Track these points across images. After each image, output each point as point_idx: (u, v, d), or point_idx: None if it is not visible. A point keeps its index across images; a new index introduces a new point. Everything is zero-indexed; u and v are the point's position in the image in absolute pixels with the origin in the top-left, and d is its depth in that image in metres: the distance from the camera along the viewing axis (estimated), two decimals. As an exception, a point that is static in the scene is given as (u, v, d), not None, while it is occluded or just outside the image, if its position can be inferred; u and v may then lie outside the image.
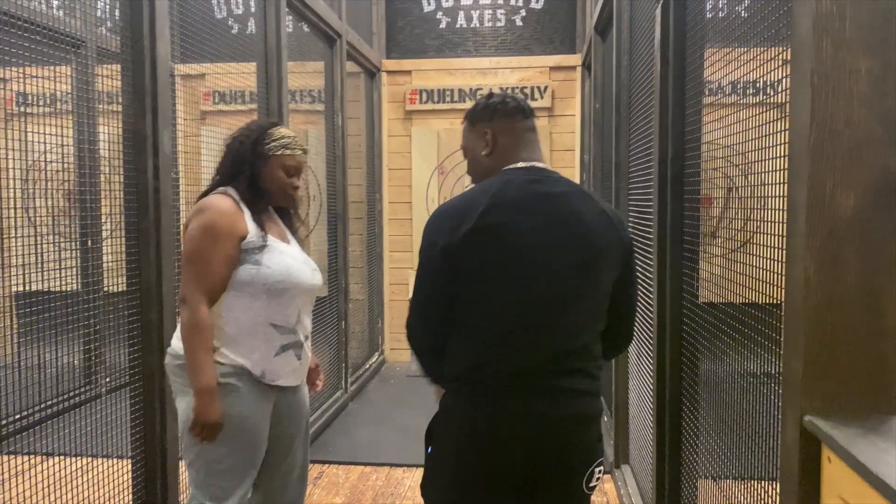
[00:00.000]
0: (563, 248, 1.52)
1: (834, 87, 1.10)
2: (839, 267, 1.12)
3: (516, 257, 1.49)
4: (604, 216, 1.58)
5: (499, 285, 1.50)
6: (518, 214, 1.50)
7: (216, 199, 1.93)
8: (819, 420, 1.11)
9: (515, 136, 1.63)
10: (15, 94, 4.22)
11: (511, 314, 1.51)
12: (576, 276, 1.53)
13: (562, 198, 1.55)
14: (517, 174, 1.58)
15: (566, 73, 5.68)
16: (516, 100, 1.66)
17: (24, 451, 2.57)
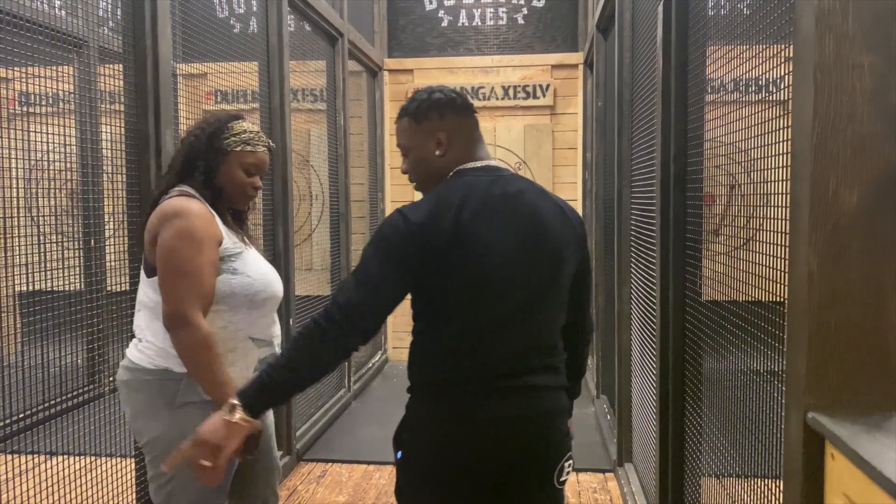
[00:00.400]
0: (530, 249, 1.52)
1: (837, 83, 1.10)
2: (843, 263, 1.12)
3: (487, 262, 1.48)
4: (559, 210, 1.59)
5: (471, 290, 1.49)
6: (484, 218, 1.49)
7: (184, 201, 1.74)
8: (823, 417, 1.10)
9: (467, 134, 1.60)
10: (17, 93, 4.23)
11: (484, 317, 1.50)
12: (543, 274, 1.54)
13: (520, 196, 1.54)
14: (475, 175, 1.56)
15: (568, 71, 5.68)
16: (462, 95, 1.63)
17: (28, 450, 2.57)
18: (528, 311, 1.52)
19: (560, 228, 1.56)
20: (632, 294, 3.19)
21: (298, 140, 4.09)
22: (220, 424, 1.45)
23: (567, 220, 1.59)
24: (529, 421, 1.53)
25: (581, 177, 5.63)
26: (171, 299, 1.69)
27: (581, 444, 3.94)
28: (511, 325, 1.51)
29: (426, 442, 1.54)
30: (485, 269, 1.48)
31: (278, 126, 3.44)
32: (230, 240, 1.79)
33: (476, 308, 1.50)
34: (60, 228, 3.96)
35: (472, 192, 1.51)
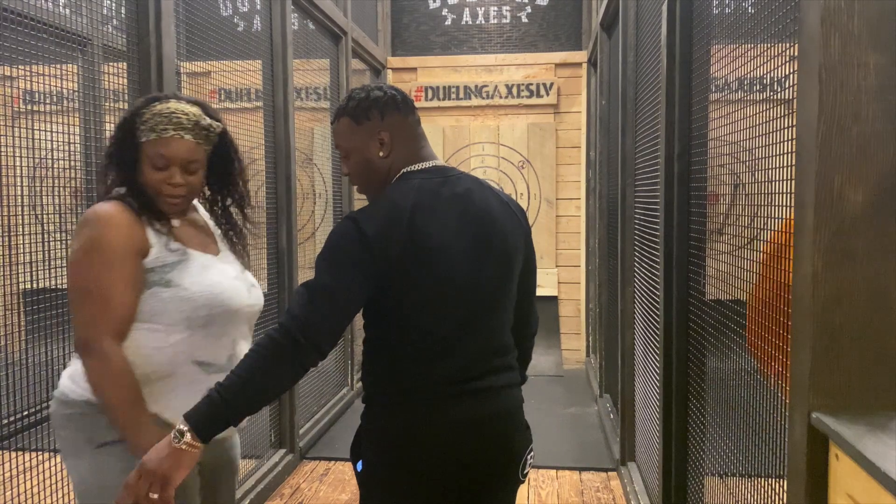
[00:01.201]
0: (483, 250, 1.49)
1: (842, 81, 1.09)
2: (847, 263, 1.11)
3: (443, 267, 1.45)
4: (506, 207, 1.57)
5: (429, 296, 1.46)
6: (438, 222, 1.45)
7: (102, 207, 1.51)
8: (826, 417, 1.10)
9: (410, 133, 1.55)
10: (22, 91, 4.24)
11: (444, 323, 1.47)
12: (497, 274, 1.52)
13: (469, 196, 1.51)
14: (423, 178, 1.51)
15: (572, 69, 5.67)
16: (402, 92, 1.56)
17: (32, 447, 2.58)
18: (485, 312, 1.51)
19: (509, 225, 1.55)
20: (635, 293, 3.19)
21: (302, 138, 4.09)
22: (167, 452, 1.33)
23: (514, 216, 1.58)
24: (494, 421, 1.52)
25: (584, 175, 5.62)
26: (77, 323, 1.48)
27: (584, 443, 3.95)
28: (470, 328, 1.49)
29: (389, 452, 1.50)
30: (441, 275, 1.45)
31: (282, 124, 3.44)
32: (163, 248, 1.52)
33: (435, 314, 1.46)
34: (64, 226, 3.97)
35: (423, 195, 1.47)
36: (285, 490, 3.34)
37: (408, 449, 1.48)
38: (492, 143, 5.77)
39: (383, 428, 1.51)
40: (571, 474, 3.53)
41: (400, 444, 1.49)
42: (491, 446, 1.52)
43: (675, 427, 2.28)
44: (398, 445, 1.49)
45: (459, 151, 5.79)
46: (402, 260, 1.42)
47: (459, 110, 5.79)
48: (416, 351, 1.47)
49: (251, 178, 1.84)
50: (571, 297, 5.75)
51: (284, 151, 3.45)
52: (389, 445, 1.50)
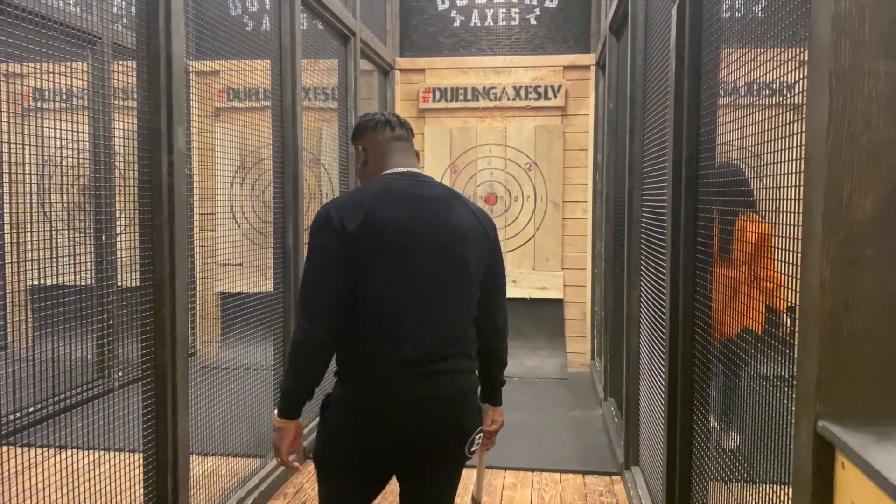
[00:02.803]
0: (441, 245, 1.70)
1: (852, 89, 1.09)
2: (856, 270, 1.11)
3: (401, 254, 1.67)
4: (472, 216, 1.79)
5: (388, 279, 1.67)
6: (400, 213, 1.68)
7: None
8: (833, 425, 1.10)
9: (383, 146, 1.83)
10: (31, 89, 4.26)
11: (401, 306, 1.67)
12: (452, 269, 1.72)
13: (437, 200, 1.75)
14: (395, 178, 1.76)
15: (580, 72, 5.67)
16: (384, 115, 1.87)
17: (38, 443, 2.59)
18: (434, 301, 1.70)
19: (469, 229, 1.76)
20: (641, 297, 3.18)
21: (309, 138, 4.10)
22: (274, 429, 1.77)
23: (479, 226, 1.79)
24: (443, 401, 1.72)
25: (591, 178, 5.62)
26: None
27: (588, 447, 3.95)
28: (420, 314, 1.68)
29: (350, 421, 1.71)
30: (393, 257, 1.66)
31: (290, 124, 3.45)
32: None
33: (387, 295, 1.67)
34: (72, 224, 3.99)
35: (389, 189, 1.72)
36: (289, 489, 3.35)
37: (363, 418, 1.70)
38: (499, 145, 5.76)
39: (341, 398, 1.74)
40: (575, 478, 3.52)
41: (357, 413, 1.71)
42: (439, 424, 1.72)
43: (679, 432, 2.27)
44: (356, 413, 1.71)
45: (466, 153, 5.79)
46: (360, 238, 1.64)
47: (467, 112, 5.79)
48: (370, 329, 1.68)
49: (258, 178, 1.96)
50: (577, 300, 5.74)
51: (292, 151, 3.46)
52: (349, 413, 1.72)
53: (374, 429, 1.70)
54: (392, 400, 1.68)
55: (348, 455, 1.74)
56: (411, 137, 1.90)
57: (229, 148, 3.35)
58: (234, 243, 3.41)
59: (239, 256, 3.39)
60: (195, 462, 2.60)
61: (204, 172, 3.17)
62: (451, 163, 5.80)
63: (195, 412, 2.63)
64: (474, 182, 5.81)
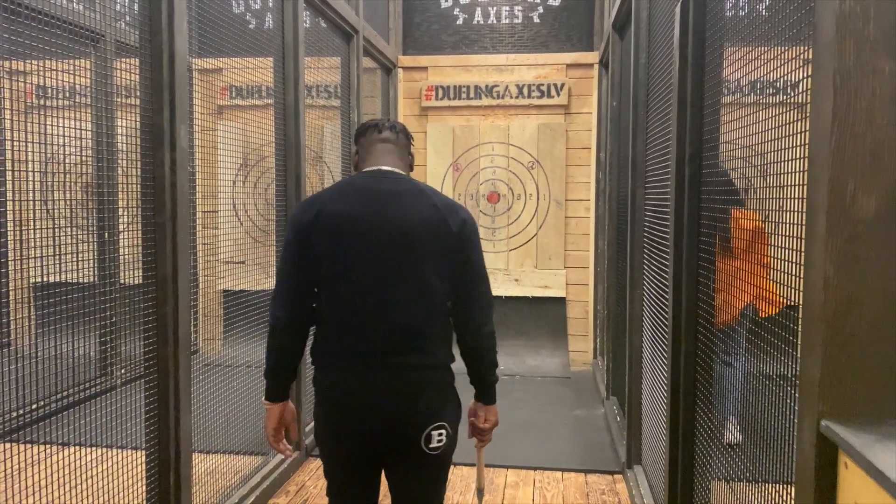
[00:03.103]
0: (391, 239, 1.75)
1: (856, 87, 1.08)
2: (859, 269, 1.10)
3: (349, 242, 1.76)
4: (433, 209, 1.80)
5: (337, 272, 1.77)
6: (352, 208, 1.77)
7: None
8: (836, 425, 1.09)
9: (368, 148, 1.93)
10: (34, 87, 4.26)
11: (347, 298, 1.77)
12: (401, 263, 1.76)
13: (394, 194, 1.80)
14: (361, 175, 1.87)
15: (583, 70, 5.66)
16: (380, 119, 1.98)
17: (41, 440, 2.60)
18: (380, 292, 1.76)
19: (425, 224, 1.77)
20: (644, 295, 3.18)
21: (312, 136, 4.09)
22: None
23: (440, 220, 1.79)
24: (394, 393, 1.77)
25: (594, 177, 5.61)
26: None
27: (590, 445, 3.95)
28: (366, 300, 1.76)
29: (317, 406, 1.86)
30: (339, 248, 1.75)
31: (292, 122, 3.45)
32: None
33: (336, 287, 1.77)
34: (75, 221, 3.99)
35: (349, 185, 1.83)
36: (291, 487, 3.35)
37: (322, 408, 1.84)
38: (502, 144, 5.76)
39: (315, 383, 1.87)
40: (577, 476, 3.52)
41: (319, 403, 1.85)
42: (388, 415, 1.77)
43: (682, 431, 2.27)
44: (318, 404, 1.86)
45: (469, 151, 5.79)
46: (313, 232, 1.77)
47: (470, 110, 5.78)
48: (325, 321, 1.80)
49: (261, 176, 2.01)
50: (580, 299, 5.74)
51: (294, 149, 3.46)
52: (317, 398, 1.87)
53: (335, 420, 1.82)
54: (345, 392, 1.79)
55: (326, 445, 1.88)
56: (402, 140, 1.96)
57: (232, 146, 3.35)
58: (236, 241, 3.41)
59: (241, 254, 3.39)
60: (197, 459, 2.60)
61: (207, 170, 3.18)
62: (453, 161, 5.80)
63: (197, 410, 2.63)
64: (477, 180, 5.80)
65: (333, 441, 1.86)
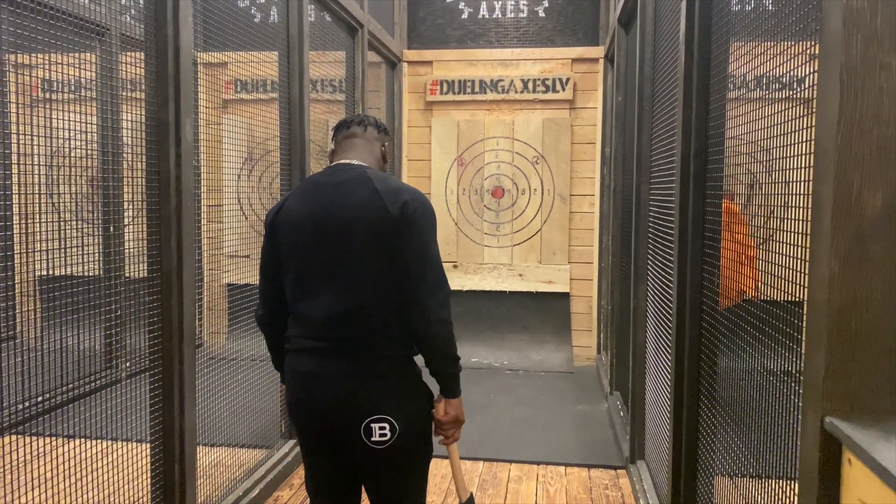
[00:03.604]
0: (331, 228, 1.78)
1: (863, 83, 1.08)
2: (865, 266, 1.10)
3: (297, 236, 1.81)
4: (373, 193, 1.78)
5: (289, 260, 1.83)
6: (302, 203, 1.83)
7: None
8: (840, 421, 1.09)
9: (338, 144, 1.99)
10: (40, 80, 4.27)
11: (297, 285, 1.82)
12: (339, 251, 1.77)
13: (337, 185, 1.82)
14: (322, 171, 1.91)
15: (588, 65, 5.64)
16: (348, 117, 2.01)
17: (47, 432, 2.61)
18: (321, 279, 1.79)
19: (362, 211, 1.76)
20: (648, 291, 3.17)
21: (317, 130, 4.09)
22: None
23: (379, 206, 1.76)
24: (332, 380, 1.78)
25: (599, 172, 5.60)
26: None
27: (593, 440, 3.95)
28: (314, 292, 1.79)
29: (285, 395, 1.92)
30: (291, 241, 1.82)
31: (297, 116, 3.45)
32: None
33: (290, 272, 1.84)
34: (80, 214, 4.00)
35: (307, 182, 1.89)
36: (295, 480, 3.36)
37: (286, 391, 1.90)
38: (506, 138, 5.75)
39: None
40: (580, 471, 3.53)
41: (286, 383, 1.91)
42: (328, 401, 1.78)
43: (685, 426, 2.27)
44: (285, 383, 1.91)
45: (474, 146, 5.78)
46: (274, 229, 1.86)
47: (474, 104, 5.77)
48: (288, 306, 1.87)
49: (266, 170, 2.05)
50: (583, 294, 5.73)
51: (299, 143, 3.46)
52: None
53: (289, 406, 1.88)
54: (293, 377, 1.85)
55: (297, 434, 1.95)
56: (370, 133, 1.97)
57: (237, 140, 3.35)
58: (241, 235, 3.42)
59: (246, 248, 3.39)
60: (202, 452, 2.61)
61: (211, 164, 3.18)
62: (458, 155, 5.79)
63: (202, 403, 2.64)
64: (481, 175, 5.80)
65: (295, 428, 1.93)
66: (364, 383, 1.77)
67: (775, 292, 1.58)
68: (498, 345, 5.64)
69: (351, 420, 1.77)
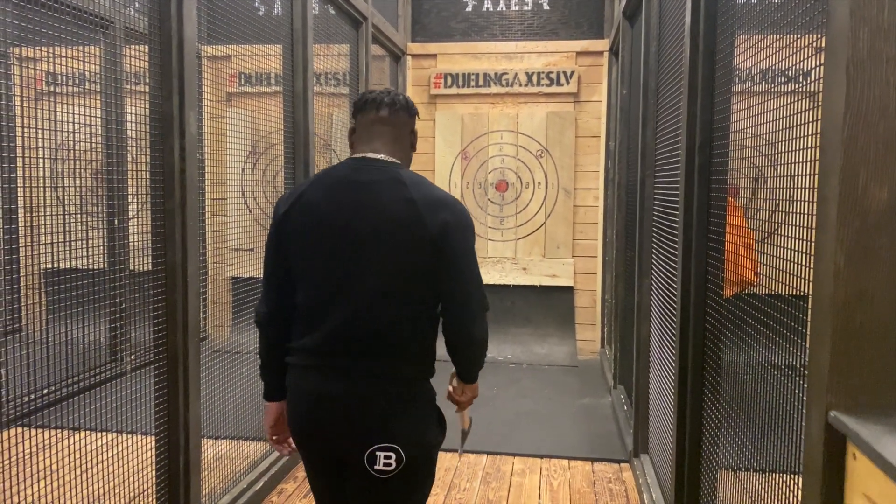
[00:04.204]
0: (357, 234, 1.61)
1: (870, 76, 1.07)
2: (870, 260, 1.10)
3: (315, 238, 1.65)
4: (410, 205, 1.61)
5: (301, 262, 1.67)
6: (324, 199, 1.65)
7: None
8: (845, 416, 1.09)
9: (364, 128, 1.75)
10: (44, 73, 4.27)
11: (310, 293, 1.66)
12: (363, 261, 1.61)
13: (366, 186, 1.64)
14: (345, 162, 1.73)
15: (593, 58, 5.62)
16: (378, 95, 1.75)
17: (52, 425, 2.62)
18: (342, 291, 1.62)
19: (398, 220, 1.60)
20: (652, 285, 3.17)
21: (321, 124, 4.09)
22: None
23: (413, 218, 1.60)
24: (341, 400, 1.63)
25: (603, 166, 5.59)
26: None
27: (597, 434, 3.95)
28: (329, 303, 1.63)
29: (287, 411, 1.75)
30: (307, 240, 1.65)
31: (301, 109, 3.44)
32: None
33: (304, 283, 1.68)
34: (85, 208, 4.01)
35: (329, 173, 1.71)
36: (299, 473, 3.38)
37: (289, 404, 1.74)
38: (510, 132, 5.74)
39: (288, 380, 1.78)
40: (584, 465, 3.53)
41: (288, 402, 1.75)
42: (334, 423, 1.64)
43: (689, 420, 2.27)
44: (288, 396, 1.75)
45: (478, 139, 5.77)
46: (286, 223, 1.68)
47: (479, 98, 5.76)
48: (298, 317, 1.70)
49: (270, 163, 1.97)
50: (587, 288, 5.73)
51: (303, 137, 3.46)
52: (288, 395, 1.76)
53: (291, 419, 1.73)
54: (298, 396, 1.70)
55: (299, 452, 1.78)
56: (401, 118, 1.75)
57: (241, 133, 3.35)
58: (245, 228, 3.42)
59: (250, 241, 3.40)
60: (207, 445, 2.62)
61: (216, 157, 3.18)
62: (462, 149, 5.78)
63: (207, 396, 2.65)
64: (485, 169, 5.79)
65: (297, 446, 1.77)
66: (375, 407, 1.62)
67: (780, 286, 1.58)
68: (501, 338, 5.64)
69: (354, 446, 1.63)
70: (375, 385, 1.63)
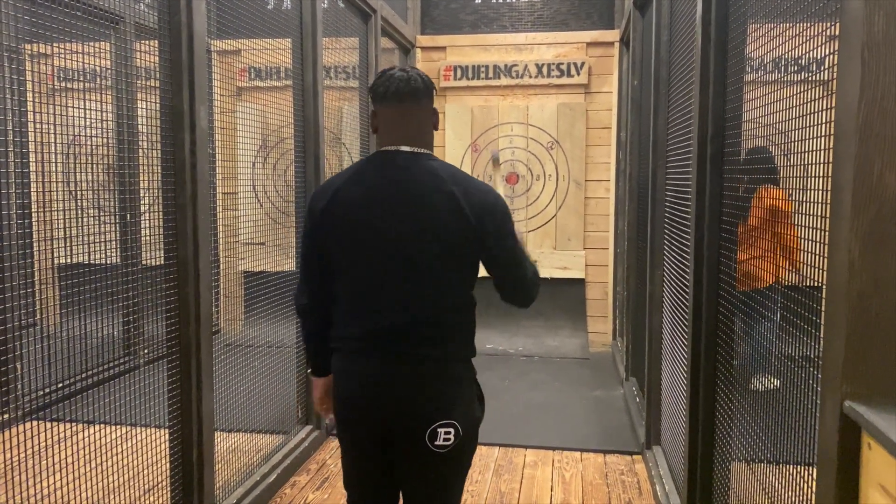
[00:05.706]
0: (396, 228, 1.68)
1: (886, 62, 1.06)
2: (886, 250, 1.08)
3: (359, 231, 1.70)
4: (450, 196, 1.67)
5: (344, 254, 1.72)
6: (362, 195, 1.70)
7: None
8: (860, 406, 1.08)
9: (388, 120, 1.76)
10: (56, 69, 4.29)
11: (357, 283, 1.72)
12: (406, 253, 1.68)
13: (406, 182, 1.69)
14: (378, 155, 1.76)
15: (604, 49, 5.59)
16: (395, 83, 1.74)
17: (67, 418, 2.64)
18: (393, 281, 1.69)
19: (434, 214, 1.67)
20: (664, 276, 3.15)
21: (330, 117, 4.09)
22: None
23: (454, 211, 1.67)
24: (399, 383, 1.70)
25: (615, 157, 5.56)
26: None
27: (609, 426, 3.95)
28: (379, 292, 1.70)
29: (334, 393, 1.81)
30: (347, 235, 1.71)
31: (311, 103, 3.44)
32: None
33: (348, 272, 1.73)
34: (98, 203, 4.04)
35: (364, 168, 1.75)
36: (311, 465, 3.39)
37: (338, 391, 1.79)
38: (521, 124, 5.72)
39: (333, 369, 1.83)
40: (596, 457, 3.53)
41: (336, 385, 1.81)
42: (389, 405, 1.71)
43: (702, 412, 2.26)
44: (335, 385, 1.81)
45: (488, 132, 5.76)
46: (324, 218, 1.73)
47: (488, 90, 5.74)
48: (341, 306, 1.76)
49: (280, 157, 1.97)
50: (599, 280, 5.71)
51: (313, 130, 3.46)
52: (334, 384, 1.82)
53: (341, 406, 1.79)
54: (349, 379, 1.76)
55: (340, 433, 1.85)
56: (424, 104, 1.77)
57: (251, 127, 3.36)
58: (256, 222, 3.43)
59: (261, 236, 3.41)
60: (220, 438, 2.64)
61: (226, 152, 3.19)
62: (472, 142, 5.77)
63: (219, 389, 2.67)
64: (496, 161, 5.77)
65: (341, 428, 1.82)
66: (430, 387, 1.71)
67: (794, 276, 1.57)
68: (513, 331, 5.63)
69: (416, 425, 1.70)
70: (428, 368, 1.72)
